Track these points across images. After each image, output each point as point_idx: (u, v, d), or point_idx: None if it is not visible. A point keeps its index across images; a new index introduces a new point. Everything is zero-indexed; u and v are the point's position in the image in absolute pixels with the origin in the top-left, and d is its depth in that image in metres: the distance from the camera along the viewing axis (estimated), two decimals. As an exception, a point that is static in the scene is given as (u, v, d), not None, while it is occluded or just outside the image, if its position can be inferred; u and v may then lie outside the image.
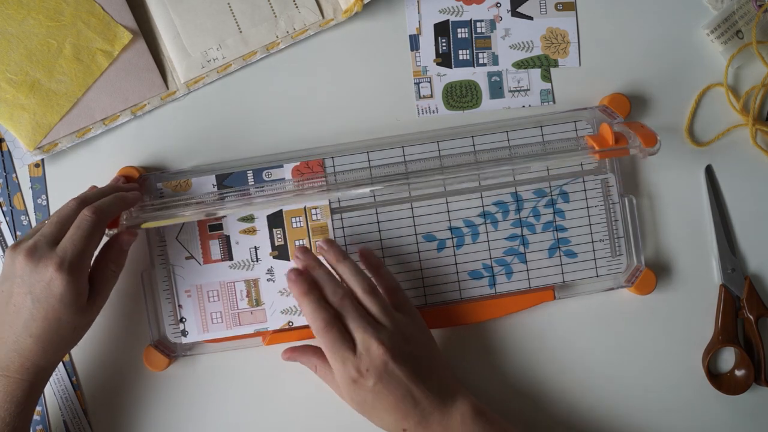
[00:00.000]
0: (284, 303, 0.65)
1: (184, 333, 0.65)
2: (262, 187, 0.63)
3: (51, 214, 0.63)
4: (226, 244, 0.64)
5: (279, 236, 0.65)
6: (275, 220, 0.64)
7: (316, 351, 0.63)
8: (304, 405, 0.67)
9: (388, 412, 0.59)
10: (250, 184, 0.64)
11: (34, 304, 0.55)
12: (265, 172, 0.64)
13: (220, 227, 0.64)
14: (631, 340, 0.68)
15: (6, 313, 0.56)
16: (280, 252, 0.65)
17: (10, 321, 0.56)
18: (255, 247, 0.65)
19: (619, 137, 0.63)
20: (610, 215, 0.67)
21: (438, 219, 0.66)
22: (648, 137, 0.61)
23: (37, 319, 0.56)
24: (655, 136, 0.61)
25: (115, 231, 0.61)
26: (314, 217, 0.64)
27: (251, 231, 0.64)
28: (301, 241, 0.65)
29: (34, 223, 0.67)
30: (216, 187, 0.64)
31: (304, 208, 0.64)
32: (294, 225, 0.65)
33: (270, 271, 0.65)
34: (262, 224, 0.64)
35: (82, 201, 0.59)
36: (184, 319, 0.64)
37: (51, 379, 0.65)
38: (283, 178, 0.64)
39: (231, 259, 0.65)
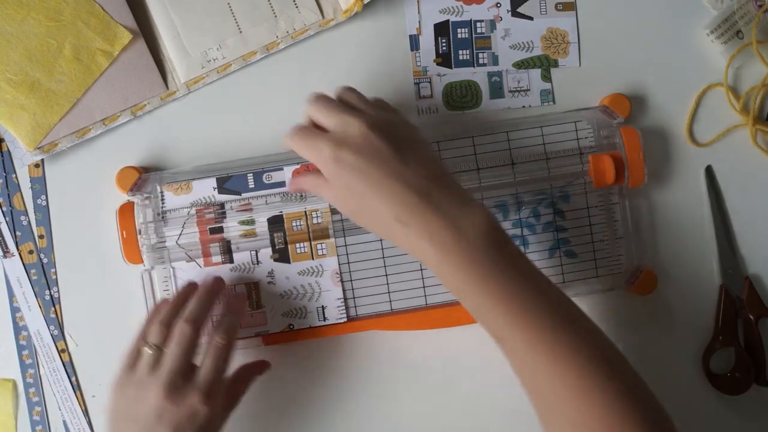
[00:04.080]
0: (285, 306, 0.65)
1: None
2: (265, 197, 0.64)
3: (149, 319, 0.61)
4: (227, 247, 0.64)
5: (279, 239, 0.64)
6: (276, 224, 0.64)
7: (313, 171, 0.56)
8: (304, 405, 0.67)
9: (376, 196, 0.52)
10: (250, 187, 0.64)
11: None
12: (265, 175, 0.64)
13: (220, 230, 0.64)
14: (631, 341, 0.68)
15: None
16: (281, 255, 0.65)
17: None
18: (255, 250, 0.65)
19: (618, 168, 0.63)
20: (610, 216, 0.67)
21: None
22: (637, 177, 0.65)
23: None
24: (643, 175, 0.65)
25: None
26: (315, 221, 0.64)
27: (251, 234, 0.64)
28: (302, 245, 0.65)
29: (34, 223, 0.66)
30: (216, 190, 0.64)
31: (305, 210, 0.64)
32: (294, 228, 0.64)
33: (270, 274, 0.64)
34: (262, 227, 0.64)
35: (194, 321, 0.58)
36: (185, 322, 0.64)
37: (51, 379, 0.66)
38: (284, 181, 0.64)
39: (231, 262, 0.65)
